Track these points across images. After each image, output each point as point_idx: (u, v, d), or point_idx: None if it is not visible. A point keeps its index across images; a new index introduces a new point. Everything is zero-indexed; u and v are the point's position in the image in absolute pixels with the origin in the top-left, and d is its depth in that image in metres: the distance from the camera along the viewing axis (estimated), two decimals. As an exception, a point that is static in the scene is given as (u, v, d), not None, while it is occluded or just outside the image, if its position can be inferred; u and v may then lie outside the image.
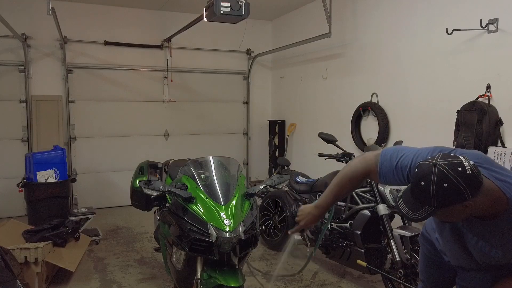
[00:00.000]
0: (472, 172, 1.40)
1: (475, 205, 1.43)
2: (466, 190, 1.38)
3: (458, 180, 1.38)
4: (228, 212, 2.45)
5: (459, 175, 1.39)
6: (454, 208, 1.43)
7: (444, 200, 1.41)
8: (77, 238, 4.11)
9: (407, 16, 4.39)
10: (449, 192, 1.39)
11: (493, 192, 1.47)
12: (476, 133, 3.43)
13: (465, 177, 1.39)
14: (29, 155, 4.94)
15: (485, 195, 1.44)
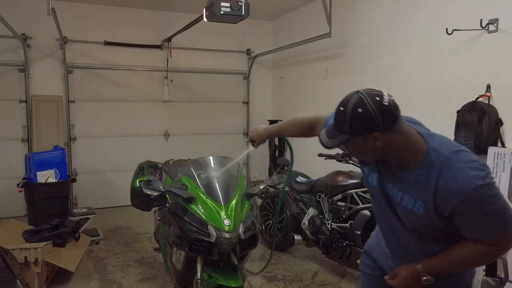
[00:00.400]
0: (388, 105, 1.41)
1: (388, 142, 1.42)
2: (378, 119, 1.38)
3: (372, 107, 1.38)
4: (228, 212, 2.46)
5: (374, 103, 1.39)
6: (367, 139, 1.42)
7: (356, 126, 1.41)
8: (77, 238, 4.11)
9: (407, 16, 4.39)
10: (362, 118, 1.39)
11: (412, 137, 1.47)
12: (476, 133, 3.43)
13: (380, 106, 1.39)
14: (29, 155, 4.94)
15: (401, 135, 1.44)
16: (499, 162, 3.31)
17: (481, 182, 1.38)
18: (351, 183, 3.63)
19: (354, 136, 1.44)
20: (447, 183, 1.40)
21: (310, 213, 3.96)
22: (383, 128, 1.40)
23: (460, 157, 1.43)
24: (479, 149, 3.43)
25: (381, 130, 1.40)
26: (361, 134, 1.42)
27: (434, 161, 1.44)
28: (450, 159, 1.42)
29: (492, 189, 1.41)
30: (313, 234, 3.89)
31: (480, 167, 1.41)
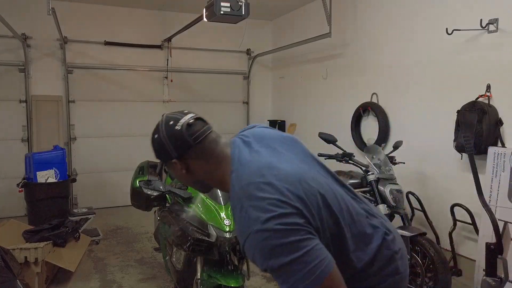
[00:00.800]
0: (180, 129, 1.29)
1: (189, 169, 1.32)
2: (169, 146, 1.30)
3: (164, 133, 1.31)
4: (228, 212, 2.46)
5: (166, 129, 1.32)
6: (171, 166, 1.34)
7: (156, 152, 1.35)
8: (77, 238, 4.11)
9: (407, 16, 4.39)
10: (157, 145, 1.33)
11: (219, 164, 1.31)
12: (476, 133, 3.43)
13: (172, 133, 1.30)
14: (29, 155, 4.94)
15: (203, 163, 1.31)
16: (499, 162, 3.31)
17: (258, 227, 1.12)
18: (351, 183, 3.62)
19: (162, 161, 1.37)
20: (236, 223, 1.23)
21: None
22: (177, 155, 1.30)
23: (248, 193, 1.19)
24: (479, 149, 3.43)
25: (176, 157, 1.31)
26: (164, 161, 1.35)
27: (233, 193, 1.25)
28: (239, 196, 1.21)
29: (275, 238, 1.10)
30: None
31: (267, 207, 1.13)
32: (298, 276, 1.08)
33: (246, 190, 1.19)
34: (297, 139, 1.51)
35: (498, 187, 3.29)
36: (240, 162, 1.28)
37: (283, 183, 1.19)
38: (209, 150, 1.31)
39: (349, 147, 5.07)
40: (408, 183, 4.23)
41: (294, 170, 1.26)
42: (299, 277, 1.08)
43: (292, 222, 1.12)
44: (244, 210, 1.16)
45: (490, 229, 3.00)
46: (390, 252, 1.34)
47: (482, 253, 3.04)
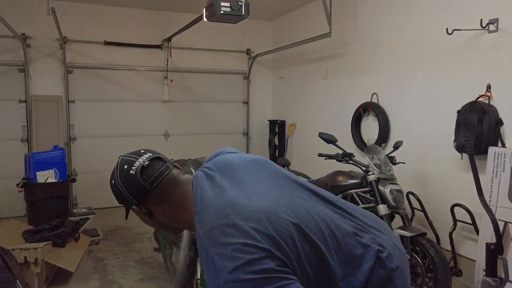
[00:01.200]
0: (135, 174, 1.20)
1: (152, 214, 1.24)
2: (125, 192, 1.21)
3: (119, 179, 1.23)
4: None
5: (120, 174, 1.23)
6: (133, 210, 1.25)
7: (117, 198, 1.26)
8: (77, 238, 4.11)
9: (407, 16, 4.39)
10: (116, 191, 1.25)
11: (181, 206, 1.21)
12: (476, 133, 3.43)
13: (125, 178, 1.21)
14: (29, 155, 4.93)
15: (164, 206, 1.22)
16: (499, 162, 3.31)
17: (225, 277, 0.98)
18: (351, 183, 3.62)
19: (125, 207, 1.27)
20: (205, 273, 1.08)
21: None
22: (136, 201, 1.22)
23: (212, 239, 1.05)
24: (479, 149, 3.43)
25: (135, 203, 1.23)
26: (126, 207, 1.26)
27: (197, 241, 1.12)
28: (203, 242, 1.08)
29: (246, 284, 0.97)
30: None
31: (233, 254, 1.00)
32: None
33: (209, 236, 1.06)
34: (266, 160, 1.37)
35: (498, 187, 3.29)
36: (202, 203, 1.15)
37: (249, 222, 1.04)
38: (169, 192, 1.21)
39: (349, 147, 5.07)
40: (408, 183, 4.23)
41: (262, 204, 1.11)
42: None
43: (263, 269, 0.98)
44: (210, 258, 1.03)
45: (490, 229, 3.00)
46: (386, 272, 1.19)
47: (482, 253, 3.04)
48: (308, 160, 6.24)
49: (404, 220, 3.40)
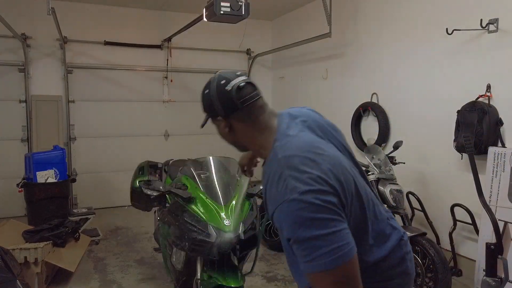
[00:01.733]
0: (231, 90, 1.32)
1: (233, 129, 1.38)
2: (217, 104, 1.34)
3: (214, 90, 1.35)
4: (228, 212, 2.45)
5: (217, 87, 1.35)
6: (216, 122, 1.41)
7: (204, 107, 1.41)
8: (77, 238, 4.11)
9: (407, 16, 4.39)
10: (206, 100, 1.38)
11: (262, 131, 1.35)
12: (476, 133, 3.43)
13: (220, 91, 1.34)
14: (29, 155, 4.93)
15: (247, 126, 1.35)
16: (499, 162, 3.31)
17: (295, 196, 1.13)
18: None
19: (208, 116, 1.42)
20: (270, 189, 1.23)
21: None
22: (223, 114, 1.35)
23: (290, 164, 1.20)
24: (479, 149, 3.43)
25: (222, 116, 1.35)
26: (210, 116, 1.41)
27: (272, 159, 1.28)
28: (280, 164, 1.22)
29: (309, 209, 1.11)
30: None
31: (308, 180, 1.15)
32: (320, 252, 1.10)
33: (289, 161, 1.21)
34: (338, 129, 1.52)
35: (498, 187, 3.29)
36: (285, 134, 1.32)
37: (326, 163, 1.21)
38: (255, 115, 1.35)
39: (349, 147, 5.07)
40: (408, 183, 4.23)
41: (336, 155, 1.31)
42: (320, 254, 1.10)
43: (328, 200, 1.14)
44: (283, 178, 1.18)
45: (490, 229, 3.00)
46: (402, 253, 1.40)
47: (482, 253, 3.04)
48: (308, 160, 6.24)
49: (404, 220, 3.41)
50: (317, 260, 1.10)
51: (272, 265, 4.16)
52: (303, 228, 1.11)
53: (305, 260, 1.12)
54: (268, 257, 4.37)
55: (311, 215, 1.11)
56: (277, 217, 1.17)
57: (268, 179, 1.25)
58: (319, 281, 1.12)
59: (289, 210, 1.13)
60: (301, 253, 1.13)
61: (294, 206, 1.12)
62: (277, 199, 1.17)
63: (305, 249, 1.12)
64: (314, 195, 1.13)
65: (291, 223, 1.13)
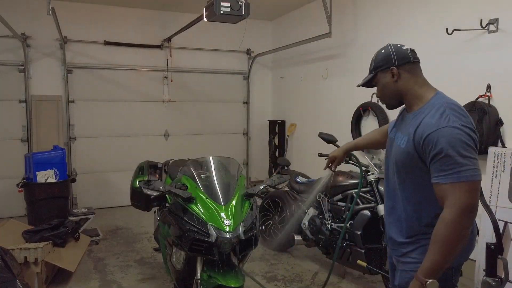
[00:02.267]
0: (406, 49, 1.79)
1: (400, 78, 1.77)
2: (393, 55, 1.77)
3: (392, 48, 1.79)
4: (228, 212, 2.45)
5: (395, 46, 1.81)
6: (386, 73, 1.79)
7: (378, 61, 1.81)
8: (77, 238, 4.11)
9: (407, 16, 4.39)
10: (383, 55, 1.80)
11: (422, 84, 1.79)
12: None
13: (398, 48, 1.79)
14: (29, 155, 4.93)
15: (412, 77, 1.77)
16: (499, 162, 3.31)
17: (457, 125, 1.57)
18: (351, 183, 3.62)
19: (377, 71, 1.82)
20: (429, 119, 1.63)
21: (310, 213, 3.96)
22: (397, 63, 1.76)
23: (453, 108, 1.64)
24: (479, 149, 3.42)
25: (395, 65, 1.76)
26: (381, 68, 1.79)
27: (431, 104, 1.70)
28: (444, 106, 1.64)
29: (465, 137, 1.55)
30: (313, 234, 3.89)
31: (466, 120, 1.60)
32: (466, 168, 1.53)
33: (452, 106, 1.64)
34: None
35: (498, 187, 3.29)
36: (443, 94, 1.75)
37: (472, 121, 1.64)
38: (418, 72, 1.80)
39: (349, 147, 5.06)
40: (408, 183, 4.22)
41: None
42: (466, 169, 1.53)
43: (475, 138, 1.59)
44: (445, 114, 1.60)
45: (490, 229, 3.00)
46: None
47: (482, 253, 3.04)
48: (308, 160, 6.24)
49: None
50: (463, 172, 1.52)
51: (272, 265, 4.16)
52: (457, 147, 1.53)
53: (451, 172, 1.54)
54: (268, 257, 4.37)
55: (466, 141, 1.55)
56: (435, 135, 1.57)
57: (426, 115, 1.66)
58: (457, 188, 1.53)
59: (450, 132, 1.55)
60: (447, 166, 1.54)
61: (455, 131, 1.55)
62: (438, 125, 1.59)
63: (452, 164, 1.53)
64: (469, 130, 1.57)
65: (448, 141, 1.54)
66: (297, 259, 4.31)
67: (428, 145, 1.59)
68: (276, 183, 2.79)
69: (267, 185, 2.78)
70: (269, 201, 4.60)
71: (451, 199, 1.53)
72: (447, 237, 1.53)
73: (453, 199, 1.52)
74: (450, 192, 1.53)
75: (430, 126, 1.60)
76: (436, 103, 1.67)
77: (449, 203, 1.53)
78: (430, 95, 1.74)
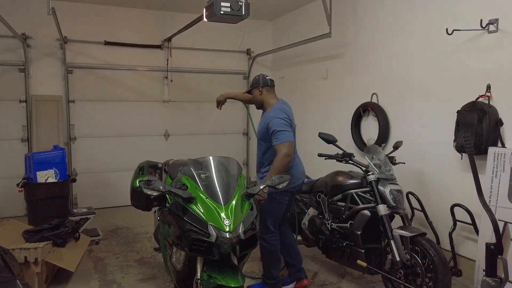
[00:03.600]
0: (267, 78, 3.42)
1: (262, 94, 3.40)
2: (261, 80, 3.39)
3: (261, 76, 3.43)
4: (228, 212, 2.45)
5: (262, 75, 3.44)
6: (257, 88, 3.41)
7: (253, 82, 3.47)
8: (77, 238, 4.11)
9: (407, 16, 4.39)
10: (255, 79, 3.44)
11: (271, 98, 3.40)
12: (476, 133, 3.43)
13: (263, 77, 3.42)
14: (29, 155, 4.93)
15: (267, 94, 3.39)
16: (499, 162, 3.31)
17: (280, 116, 3.18)
18: (351, 183, 3.62)
19: (252, 87, 3.46)
20: (269, 114, 3.27)
21: (310, 213, 3.96)
22: (262, 85, 3.39)
23: (279, 110, 3.24)
24: (479, 149, 3.43)
25: (261, 86, 3.39)
26: (255, 86, 3.43)
27: (271, 109, 3.31)
28: (277, 109, 3.27)
29: (282, 121, 3.16)
30: (313, 234, 3.89)
31: (284, 115, 3.22)
32: (284, 135, 3.12)
33: (280, 109, 3.26)
34: (292, 112, 3.49)
35: (498, 187, 3.29)
36: (280, 105, 3.34)
37: (288, 114, 3.29)
38: (271, 91, 3.43)
39: (349, 147, 5.07)
40: (408, 183, 4.23)
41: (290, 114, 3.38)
42: (284, 136, 3.12)
43: (287, 121, 3.22)
44: (276, 112, 3.21)
45: (490, 229, 3.00)
46: (300, 169, 3.57)
47: (482, 253, 3.04)
48: (308, 160, 6.23)
49: (404, 220, 3.41)
50: (283, 138, 3.10)
51: (272, 265, 4.16)
52: (279, 126, 3.13)
53: (277, 138, 3.12)
54: (268, 257, 4.36)
55: (283, 123, 3.16)
56: (271, 122, 3.16)
57: (269, 113, 3.27)
58: (282, 147, 3.09)
59: (276, 120, 3.16)
60: (276, 136, 3.13)
61: (279, 120, 3.16)
62: (273, 116, 3.19)
63: (278, 134, 3.12)
64: (284, 118, 3.19)
65: (275, 124, 3.14)
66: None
67: (270, 127, 3.16)
68: (276, 183, 2.79)
69: (267, 185, 2.78)
70: (269, 201, 4.59)
71: (279, 150, 3.09)
72: (277, 166, 3.08)
73: (280, 150, 3.09)
74: (278, 148, 3.10)
75: (269, 118, 3.20)
76: (274, 108, 3.28)
77: (279, 152, 3.09)
78: (273, 104, 3.34)
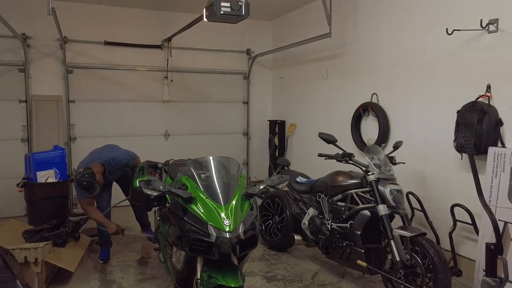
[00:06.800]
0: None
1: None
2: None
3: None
4: (228, 212, 2.45)
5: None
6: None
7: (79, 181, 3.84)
8: (77, 238, 4.11)
9: (407, 16, 4.39)
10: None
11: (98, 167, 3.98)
12: (476, 133, 3.43)
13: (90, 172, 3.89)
14: (29, 155, 4.93)
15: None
16: (499, 162, 3.31)
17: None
18: (351, 183, 3.63)
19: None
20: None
21: (310, 213, 3.96)
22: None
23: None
24: (479, 149, 3.43)
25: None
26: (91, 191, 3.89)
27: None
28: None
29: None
30: (313, 234, 3.89)
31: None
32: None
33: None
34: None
35: (498, 187, 3.29)
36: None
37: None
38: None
39: (349, 147, 5.08)
40: (408, 183, 4.23)
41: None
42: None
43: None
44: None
45: (490, 229, 3.00)
46: None
47: (482, 253, 3.05)
48: (308, 160, 6.25)
49: (404, 220, 3.41)
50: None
51: (272, 265, 4.17)
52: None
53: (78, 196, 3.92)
54: (268, 257, 4.37)
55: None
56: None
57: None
58: (82, 203, 3.91)
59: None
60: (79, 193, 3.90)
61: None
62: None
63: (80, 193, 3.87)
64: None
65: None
66: (297, 259, 4.31)
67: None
68: (276, 183, 2.79)
69: (267, 185, 2.78)
70: (269, 201, 4.60)
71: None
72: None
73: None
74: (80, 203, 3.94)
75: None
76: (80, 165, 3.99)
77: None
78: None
